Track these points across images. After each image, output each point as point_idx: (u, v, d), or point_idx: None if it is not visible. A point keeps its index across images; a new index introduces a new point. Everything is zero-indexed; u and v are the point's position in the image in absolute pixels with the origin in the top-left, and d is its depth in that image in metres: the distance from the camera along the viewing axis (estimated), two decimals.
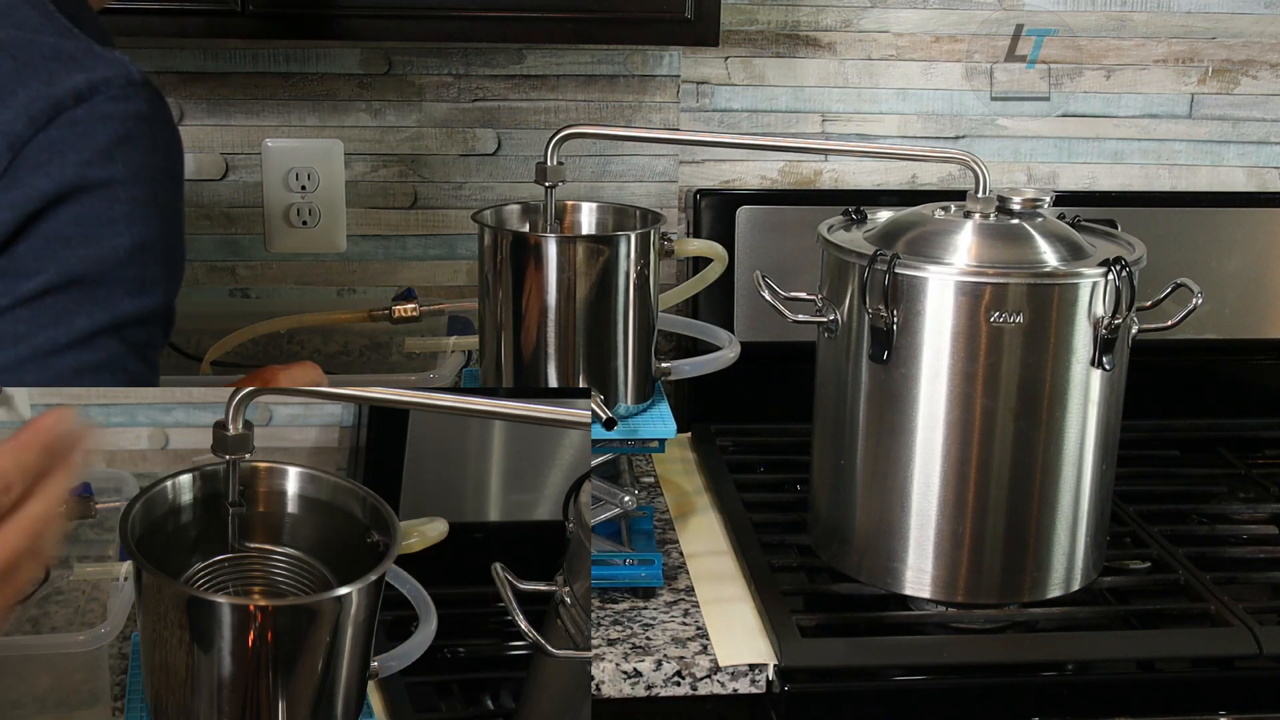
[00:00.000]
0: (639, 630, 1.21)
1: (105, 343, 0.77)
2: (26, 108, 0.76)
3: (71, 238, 0.76)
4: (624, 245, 1.23)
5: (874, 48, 1.66)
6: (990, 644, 1.22)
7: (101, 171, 0.76)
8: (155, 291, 0.80)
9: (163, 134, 0.80)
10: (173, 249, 0.81)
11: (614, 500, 1.28)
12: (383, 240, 1.67)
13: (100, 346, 0.77)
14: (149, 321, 0.80)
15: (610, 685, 1.16)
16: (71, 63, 0.78)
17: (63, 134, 0.76)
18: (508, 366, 1.25)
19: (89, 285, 0.76)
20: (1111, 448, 1.23)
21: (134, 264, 0.78)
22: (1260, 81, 1.72)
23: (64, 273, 0.76)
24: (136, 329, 0.79)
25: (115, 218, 0.77)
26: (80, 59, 0.78)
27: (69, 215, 0.76)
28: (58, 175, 0.75)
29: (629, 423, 1.26)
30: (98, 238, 0.77)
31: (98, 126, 0.77)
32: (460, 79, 1.62)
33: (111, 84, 0.78)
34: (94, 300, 0.77)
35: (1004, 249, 1.18)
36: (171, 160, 0.81)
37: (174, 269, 0.82)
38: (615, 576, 1.26)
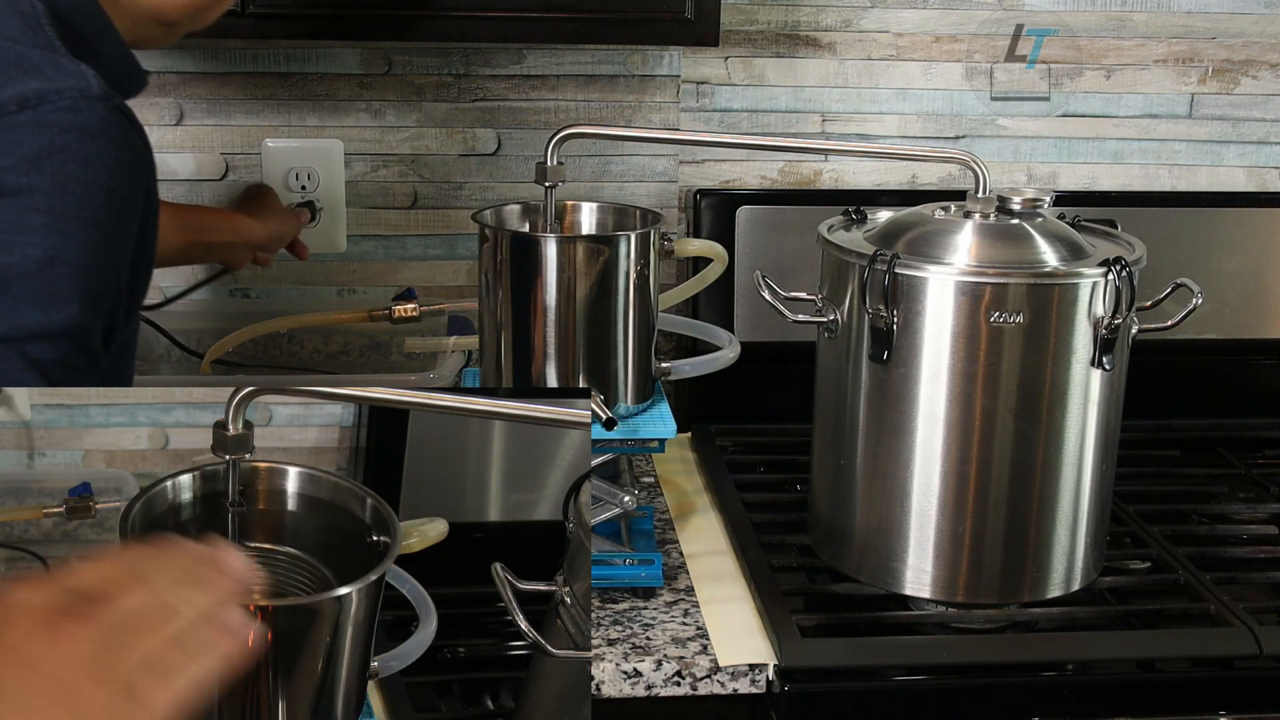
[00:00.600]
0: (639, 630, 1.21)
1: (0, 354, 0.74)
2: None
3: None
4: (624, 245, 1.23)
5: (874, 48, 1.66)
6: (990, 644, 1.22)
7: (24, 179, 0.74)
8: (66, 308, 0.75)
9: (109, 151, 0.77)
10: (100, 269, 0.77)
11: (614, 500, 1.28)
12: (383, 240, 1.67)
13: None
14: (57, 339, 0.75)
15: (610, 685, 1.16)
16: (31, 71, 0.76)
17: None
18: (508, 366, 1.25)
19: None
20: (1111, 448, 1.23)
21: (43, 277, 0.74)
22: (1260, 81, 1.72)
23: None
24: (39, 344, 0.75)
25: (30, 227, 0.74)
26: (41, 68, 0.77)
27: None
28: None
29: (629, 423, 1.26)
30: (8, 245, 0.74)
31: (33, 134, 0.75)
32: (460, 79, 1.62)
33: (63, 95, 0.76)
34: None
35: (1004, 249, 1.18)
36: (115, 179, 0.78)
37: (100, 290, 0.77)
38: (615, 576, 1.26)
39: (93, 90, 0.77)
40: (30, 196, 0.74)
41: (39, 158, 0.75)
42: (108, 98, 0.78)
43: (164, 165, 1.60)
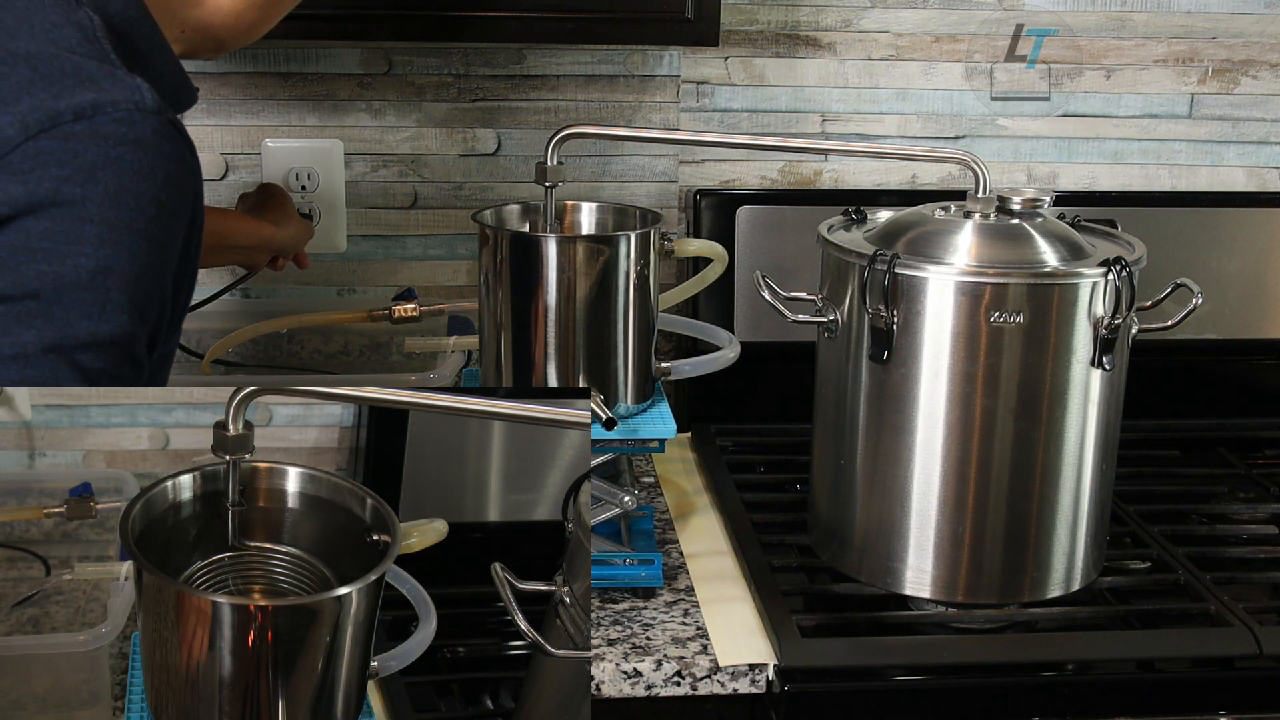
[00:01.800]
0: (639, 630, 1.21)
1: (51, 361, 0.75)
2: (24, 115, 0.75)
3: (35, 251, 0.75)
4: (624, 245, 1.23)
5: (874, 48, 1.66)
6: (990, 644, 1.22)
7: (79, 189, 0.75)
8: (116, 319, 0.77)
9: (162, 165, 0.79)
10: (148, 280, 0.79)
11: (614, 500, 1.28)
12: (383, 240, 1.67)
13: (45, 365, 0.75)
14: (106, 349, 0.77)
15: (610, 685, 1.16)
16: (88, 82, 0.78)
17: (52, 146, 0.75)
18: (508, 366, 1.25)
19: (44, 301, 0.75)
20: (1111, 448, 1.23)
21: (95, 287, 0.76)
22: (1260, 81, 1.72)
23: (20, 284, 0.74)
24: (89, 354, 0.76)
25: (83, 237, 0.75)
26: (98, 80, 0.78)
27: (37, 228, 0.74)
28: (34, 185, 0.74)
29: (629, 423, 1.26)
30: (61, 255, 0.75)
31: (89, 145, 0.76)
32: (460, 79, 1.62)
33: (118, 107, 0.77)
34: (47, 317, 0.75)
35: (1004, 249, 1.18)
36: (167, 192, 0.79)
37: (148, 301, 0.79)
38: (615, 576, 1.26)
39: (147, 104, 0.78)
40: (84, 207, 0.75)
41: (93, 169, 0.76)
42: (161, 111, 0.79)
43: None
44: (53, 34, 0.80)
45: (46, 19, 0.81)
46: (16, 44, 0.79)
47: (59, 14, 0.82)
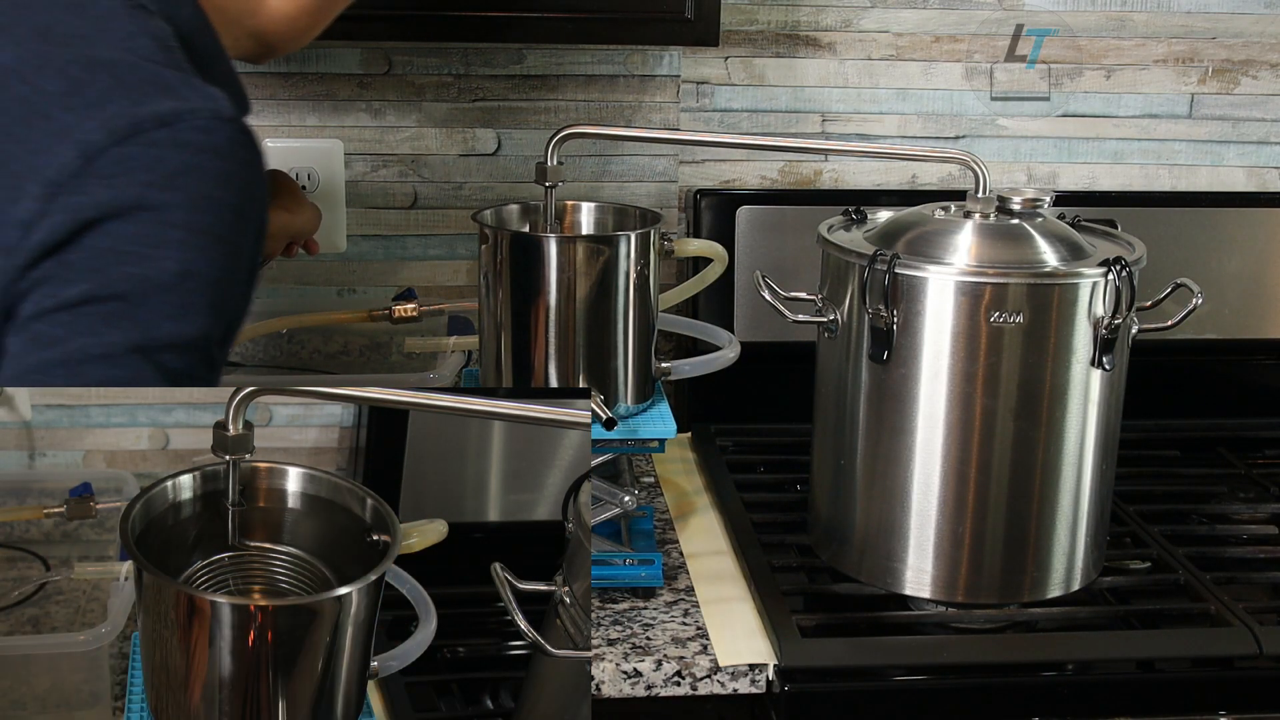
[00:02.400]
0: (639, 630, 1.21)
1: (135, 362, 0.78)
2: (109, 121, 0.77)
3: (122, 254, 0.77)
4: (624, 245, 1.23)
5: (874, 48, 1.66)
6: (990, 644, 1.22)
7: (163, 195, 0.78)
8: (196, 321, 0.80)
9: (237, 172, 0.81)
10: (226, 284, 0.82)
11: (614, 500, 1.28)
12: (383, 240, 1.67)
13: (129, 364, 0.77)
14: (186, 350, 0.80)
15: (610, 685, 1.16)
16: (167, 90, 0.80)
17: (136, 152, 0.77)
18: (508, 366, 1.25)
19: (130, 303, 0.77)
20: (1111, 448, 1.23)
21: (179, 290, 0.78)
22: (1260, 81, 1.72)
23: (107, 286, 0.77)
24: (171, 354, 0.79)
25: (167, 241, 0.78)
26: (176, 88, 0.80)
27: (123, 232, 0.77)
28: (121, 190, 0.77)
29: (629, 423, 1.26)
30: (147, 258, 0.77)
31: (172, 152, 0.78)
32: (460, 79, 1.62)
33: (197, 114, 0.79)
34: (131, 318, 0.77)
35: (1004, 249, 1.18)
36: (243, 199, 0.82)
37: (224, 303, 0.82)
38: (615, 576, 1.26)
39: (225, 112, 0.81)
40: (168, 212, 0.78)
41: (176, 175, 0.78)
42: (236, 119, 0.82)
43: None
44: (129, 43, 0.83)
45: (122, 28, 0.84)
46: (96, 52, 0.81)
47: (134, 23, 0.84)
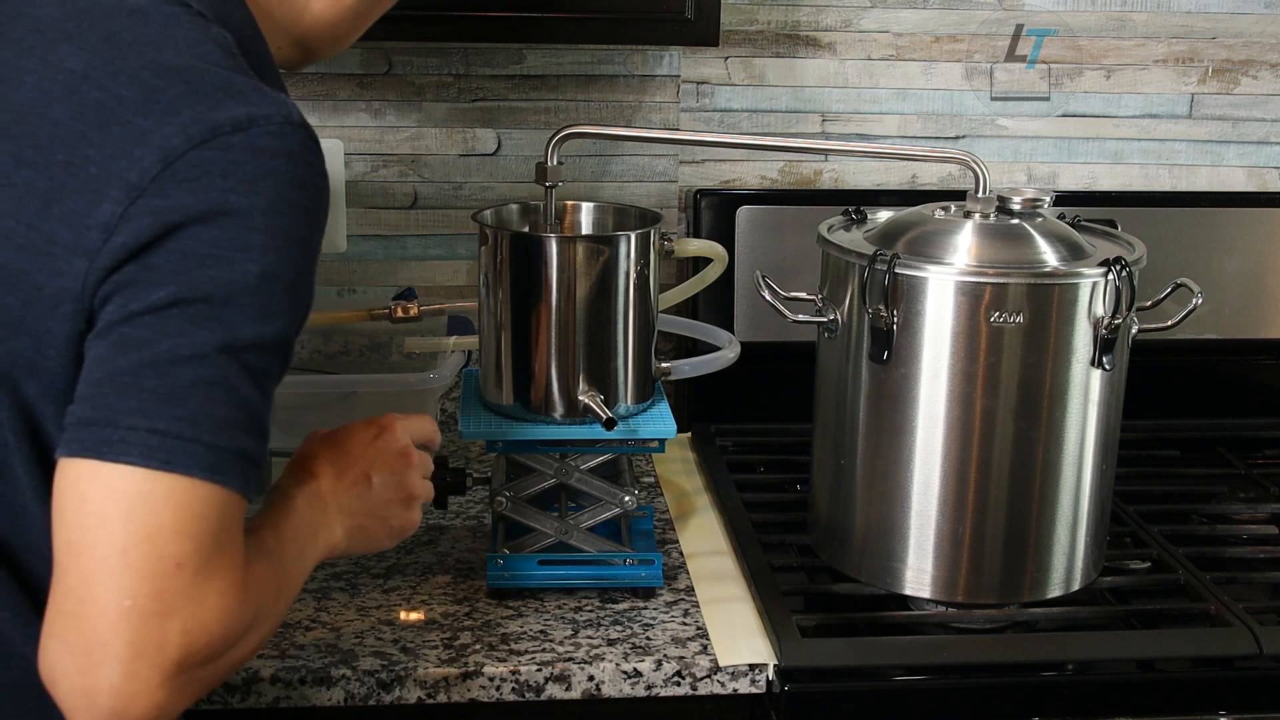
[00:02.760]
0: (639, 630, 1.21)
1: (222, 361, 0.79)
2: (186, 126, 0.79)
3: (206, 257, 0.78)
4: (624, 245, 1.23)
5: (874, 48, 1.66)
6: (990, 644, 1.22)
7: (244, 199, 0.79)
8: (277, 321, 0.82)
9: (309, 175, 0.83)
10: (300, 283, 0.83)
11: (614, 500, 1.28)
12: (383, 240, 1.67)
13: (217, 364, 0.79)
14: (267, 349, 0.82)
15: (610, 685, 1.16)
16: (238, 95, 0.81)
17: (215, 156, 0.79)
18: (508, 366, 1.25)
19: (215, 305, 0.79)
20: (1111, 448, 1.23)
21: (261, 291, 0.80)
22: (1260, 81, 1.72)
23: (193, 288, 0.78)
24: (254, 354, 0.81)
25: (250, 244, 0.79)
26: (247, 94, 0.82)
27: (207, 235, 0.78)
28: (203, 194, 0.78)
29: (629, 423, 1.26)
30: (230, 261, 0.79)
31: (249, 156, 0.80)
32: (460, 79, 1.62)
33: (271, 120, 0.81)
34: (218, 319, 0.79)
35: (1004, 249, 1.18)
36: (313, 201, 0.84)
37: (298, 303, 0.84)
38: (615, 576, 1.26)
39: (294, 117, 0.83)
40: (250, 216, 0.79)
41: (255, 179, 0.80)
42: (305, 125, 0.84)
43: None
44: (196, 50, 0.84)
45: (187, 35, 0.85)
46: (166, 58, 0.83)
47: (197, 31, 0.86)
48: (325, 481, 1.00)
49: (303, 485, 0.99)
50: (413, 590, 1.28)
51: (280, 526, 0.94)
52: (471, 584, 1.30)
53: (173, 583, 0.77)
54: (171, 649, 0.77)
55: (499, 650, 1.18)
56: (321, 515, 0.98)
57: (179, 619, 0.77)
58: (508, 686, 1.15)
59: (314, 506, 0.98)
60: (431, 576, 1.31)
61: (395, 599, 1.27)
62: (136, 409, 0.77)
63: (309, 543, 0.96)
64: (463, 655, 1.17)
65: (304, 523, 0.96)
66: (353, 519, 1.01)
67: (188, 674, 0.78)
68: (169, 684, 0.78)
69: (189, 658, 0.78)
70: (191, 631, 0.78)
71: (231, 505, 0.80)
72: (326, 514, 0.99)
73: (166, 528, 0.77)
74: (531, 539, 1.27)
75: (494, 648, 1.18)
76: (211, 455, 0.78)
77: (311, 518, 0.97)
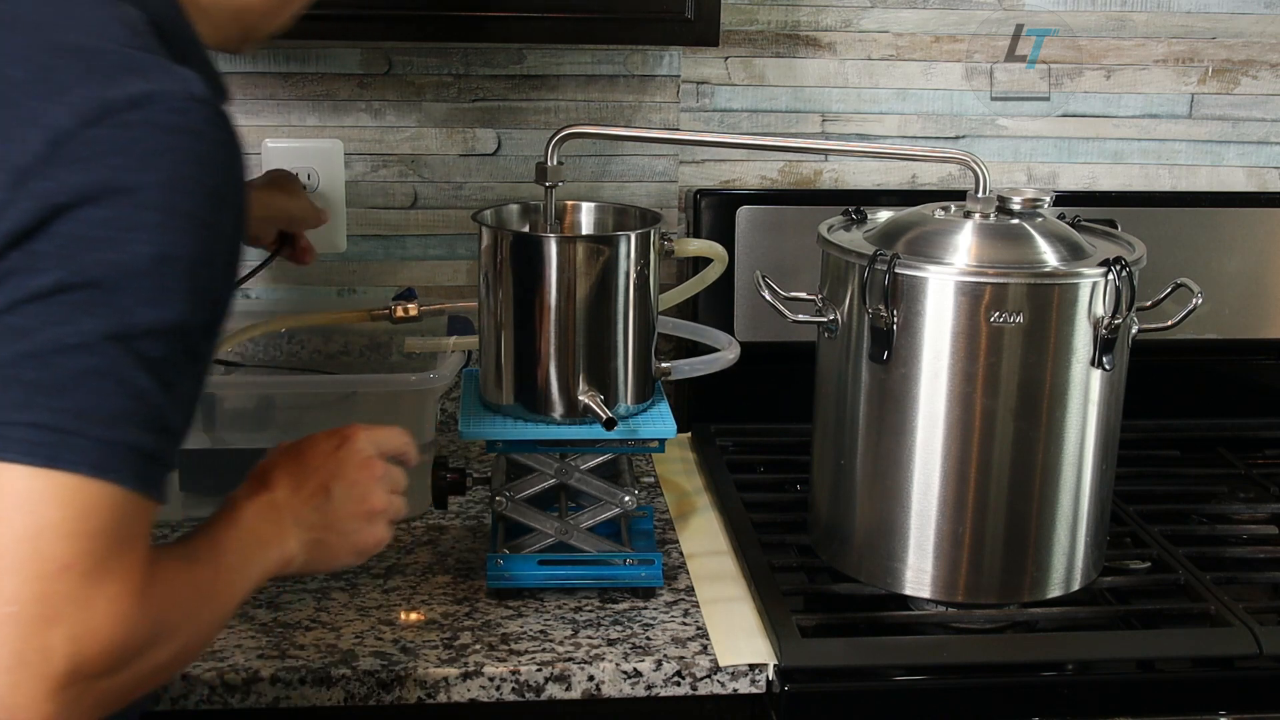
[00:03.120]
0: (639, 630, 1.21)
1: (112, 350, 0.75)
2: (77, 105, 0.75)
3: (94, 239, 0.74)
4: (624, 245, 1.23)
5: (874, 48, 1.66)
6: (990, 644, 1.22)
7: (137, 176, 0.75)
8: (175, 306, 0.77)
9: (215, 153, 0.79)
10: (205, 269, 0.79)
11: (614, 500, 1.28)
12: (383, 240, 1.67)
13: (106, 353, 0.75)
14: (166, 337, 0.77)
15: (610, 685, 1.16)
16: (138, 72, 0.78)
17: (109, 135, 0.75)
18: (508, 366, 1.25)
19: (105, 290, 0.74)
20: (1111, 448, 1.23)
21: (155, 274, 0.76)
22: (1260, 81, 1.72)
23: (80, 273, 0.74)
24: (150, 342, 0.76)
25: (143, 224, 0.75)
26: (149, 70, 0.78)
27: (96, 216, 0.74)
28: (92, 174, 0.74)
29: (629, 423, 1.26)
30: (121, 242, 0.75)
31: (145, 134, 0.76)
32: (460, 79, 1.62)
33: (171, 96, 0.77)
34: (108, 305, 0.75)
35: (1004, 249, 1.18)
36: (220, 180, 0.79)
37: (203, 288, 0.79)
38: (615, 576, 1.26)
39: (199, 93, 0.79)
40: (143, 194, 0.75)
41: (150, 156, 0.76)
42: (211, 101, 0.80)
43: None
44: (99, 29, 0.81)
45: (91, 15, 0.82)
46: (64, 38, 0.79)
47: (104, 10, 0.83)
48: (281, 493, 0.96)
49: (255, 496, 0.94)
50: (413, 590, 1.28)
51: (219, 535, 0.90)
52: (471, 584, 1.30)
53: (58, 587, 0.72)
54: (58, 658, 0.72)
55: (499, 650, 1.18)
56: (274, 527, 0.94)
57: (65, 626, 0.72)
58: (508, 686, 1.15)
59: (265, 518, 0.94)
60: (431, 576, 1.31)
61: (395, 599, 1.27)
62: (18, 402, 0.72)
63: (255, 554, 0.92)
64: (463, 655, 1.17)
65: (250, 534, 0.92)
66: (310, 532, 0.97)
67: (81, 685, 0.73)
68: (57, 696, 0.72)
69: (79, 668, 0.73)
70: (80, 639, 0.73)
71: (128, 505, 0.75)
72: (280, 526, 0.94)
73: (51, 528, 0.72)
74: (531, 539, 1.27)
75: (494, 648, 1.18)
76: (100, 451, 0.73)
77: (260, 529, 0.93)
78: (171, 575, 0.81)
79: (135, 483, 0.75)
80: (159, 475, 0.77)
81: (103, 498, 0.74)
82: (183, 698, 1.13)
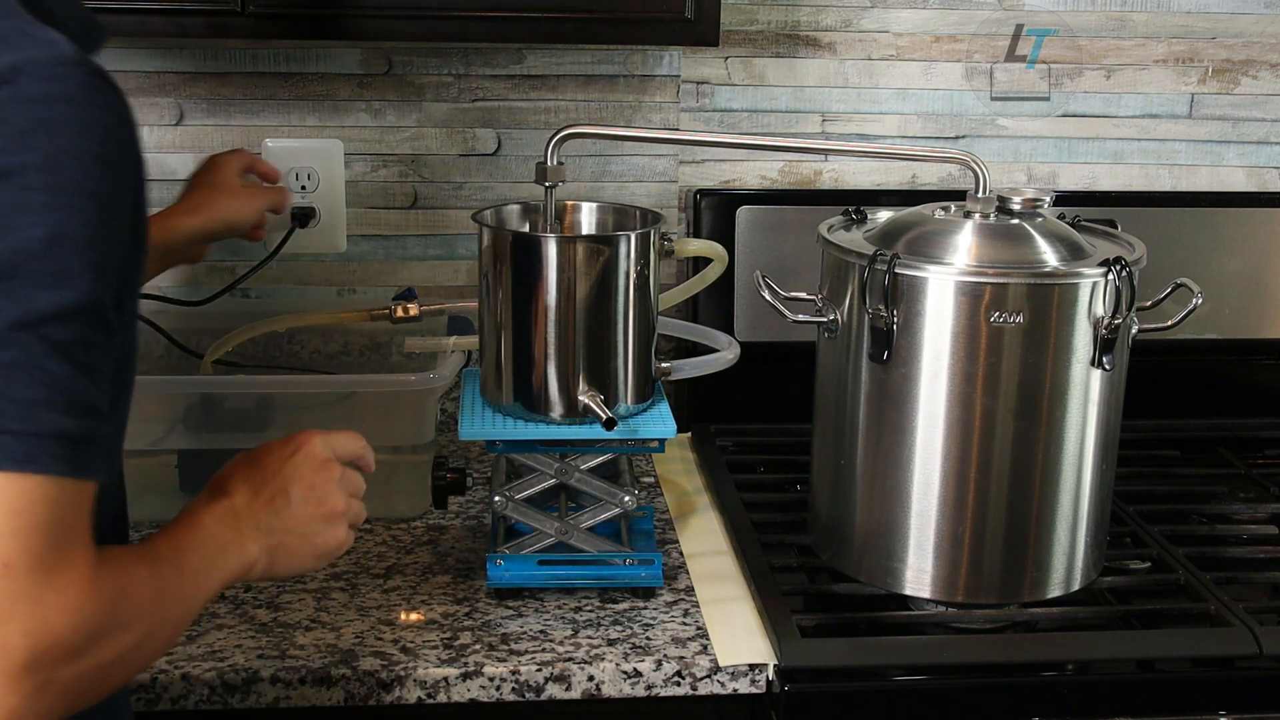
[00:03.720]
0: (639, 630, 1.21)
1: (19, 339, 0.72)
2: None
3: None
4: (624, 245, 1.23)
5: (874, 48, 1.66)
6: (990, 644, 1.22)
7: (15, 158, 0.72)
8: (78, 285, 0.74)
9: (97, 118, 0.75)
10: (106, 241, 0.75)
11: (614, 500, 1.28)
12: (383, 240, 1.67)
13: (14, 344, 0.72)
14: (73, 318, 0.74)
15: (610, 685, 1.16)
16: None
17: None
18: (508, 366, 1.25)
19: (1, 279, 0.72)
20: (1111, 448, 1.23)
21: (51, 256, 0.72)
22: (1260, 81, 1.72)
23: None
24: (58, 326, 0.73)
25: (30, 206, 0.72)
26: (9, 38, 0.74)
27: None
28: None
29: (629, 423, 1.26)
30: (10, 228, 0.72)
31: (18, 110, 0.72)
32: (460, 79, 1.62)
33: (38, 64, 0.73)
34: (6, 295, 0.71)
35: (1004, 249, 1.18)
36: (105, 145, 0.75)
37: (108, 262, 0.76)
38: (615, 576, 1.26)
39: (68, 55, 0.75)
40: (24, 175, 0.72)
41: (26, 134, 0.72)
42: (84, 62, 0.75)
43: (164, 165, 1.60)
44: None
45: None
46: None
47: None
48: (240, 499, 0.94)
49: (215, 503, 0.93)
50: (413, 590, 1.28)
51: (180, 538, 0.88)
52: (471, 584, 1.30)
53: (5, 586, 0.71)
54: (15, 651, 0.71)
55: (499, 650, 1.18)
56: (234, 533, 0.92)
57: (18, 622, 0.71)
58: (508, 686, 1.15)
59: (225, 524, 0.92)
60: (431, 576, 1.31)
61: (395, 599, 1.27)
62: None
63: (216, 558, 0.90)
64: (463, 655, 1.17)
65: (211, 539, 0.90)
66: (271, 537, 0.95)
67: (42, 676, 0.72)
68: (19, 688, 0.72)
69: (38, 659, 0.72)
70: (35, 633, 0.72)
71: (62, 493, 0.73)
72: (240, 531, 0.93)
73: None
74: (531, 539, 1.27)
75: (494, 648, 1.18)
76: (22, 444, 0.71)
77: (221, 535, 0.91)
78: (128, 566, 0.80)
79: (64, 469, 0.73)
80: (88, 456, 0.75)
81: (34, 491, 0.72)
82: (183, 698, 1.13)
